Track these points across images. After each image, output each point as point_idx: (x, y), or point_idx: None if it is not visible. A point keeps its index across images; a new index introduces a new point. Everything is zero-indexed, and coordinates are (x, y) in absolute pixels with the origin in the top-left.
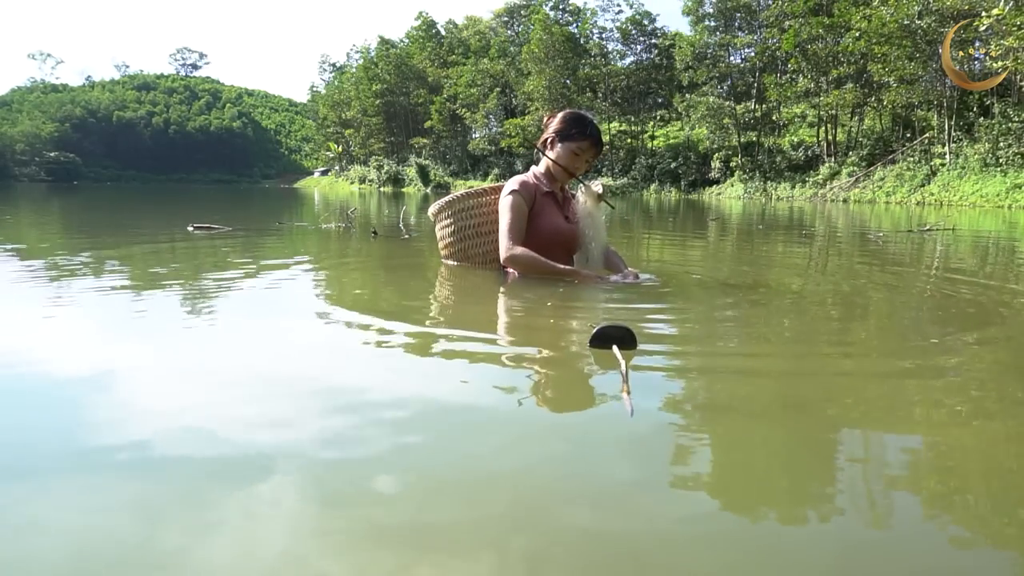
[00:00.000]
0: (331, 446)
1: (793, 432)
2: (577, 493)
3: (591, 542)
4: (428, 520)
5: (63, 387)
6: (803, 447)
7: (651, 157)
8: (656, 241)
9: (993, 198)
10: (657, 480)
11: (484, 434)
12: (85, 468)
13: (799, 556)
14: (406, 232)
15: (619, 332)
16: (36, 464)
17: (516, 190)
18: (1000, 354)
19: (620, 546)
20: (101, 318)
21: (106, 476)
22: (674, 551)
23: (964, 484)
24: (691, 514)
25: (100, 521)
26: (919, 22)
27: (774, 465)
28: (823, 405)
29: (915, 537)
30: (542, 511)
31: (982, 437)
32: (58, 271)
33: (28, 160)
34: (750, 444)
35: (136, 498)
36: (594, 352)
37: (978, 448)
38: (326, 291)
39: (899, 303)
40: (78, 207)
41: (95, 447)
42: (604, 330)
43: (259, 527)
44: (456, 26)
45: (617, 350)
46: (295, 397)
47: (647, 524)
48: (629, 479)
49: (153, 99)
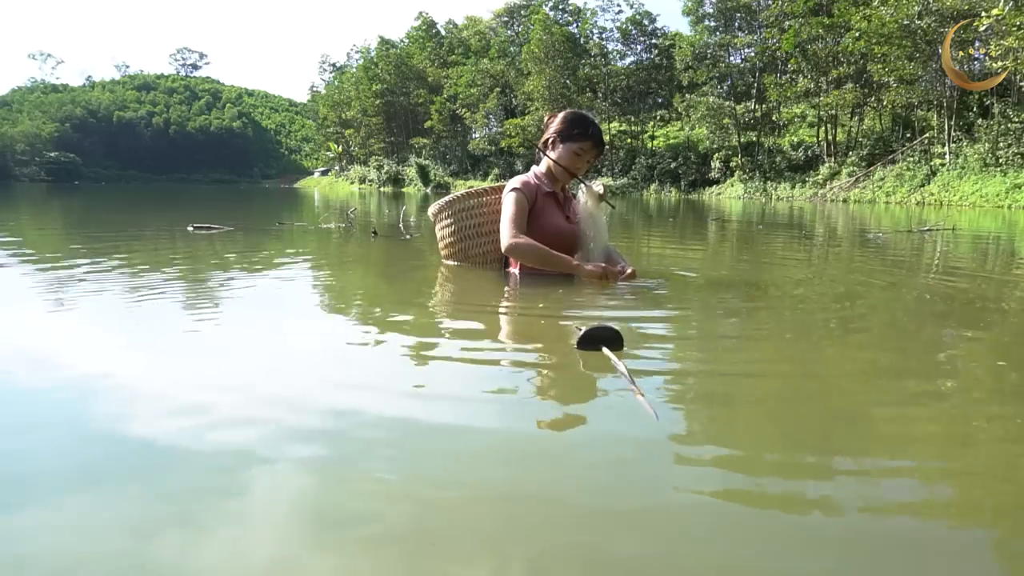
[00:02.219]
0: (331, 447)
1: (794, 431)
2: (578, 494)
3: (592, 545)
4: (428, 521)
5: (62, 389)
6: (804, 446)
7: (651, 157)
8: (656, 241)
9: (993, 198)
10: (659, 480)
11: (484, 434)
12: (85, 469)
13: (800, 557)
14: (406, 232)
15: (607, 333)
16: (35, 466)
17: (518, 188)
18: (1000, 352)
19: (622, 547)
20: (100, 318)
21: (106, 477)
22: (676, 551)
23: (964, 483)
24: (692, 515)
25: (99, 522)
26: (919, 22)
27: (775, 465)
28: (823, 405)
29: (916, 537)
30: (543, 512)
31: (983, 436)
32: (58, 271)
33: (28, 160)
34: (750, 444)
35: (136, 499)
36: (584, 354)
37: (979, 447)
38: (326, 291)
39: (899, 302)
40: (78, 207)
41: (95, 447)
42: (592, 331)
43: (255, 531)
44: (456, 26)
45: (610, 352)
46: (295, 398)
47: (650, 526)
48: (630, 479)
49: (153, 99)
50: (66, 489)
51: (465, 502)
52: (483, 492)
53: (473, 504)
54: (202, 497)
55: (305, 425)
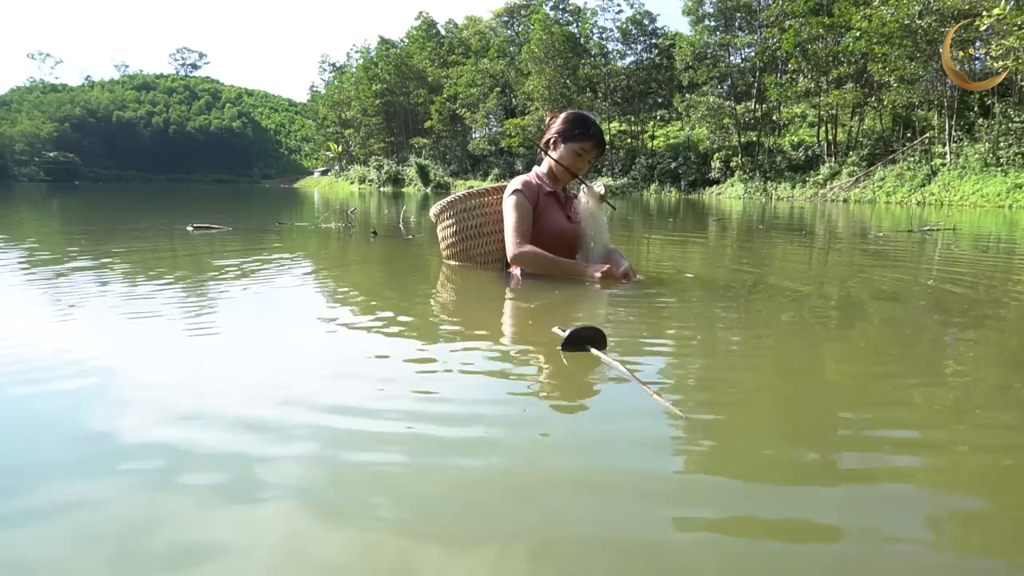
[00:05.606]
0: (331, 446)
1: (794, 432)
2: (579, 495)
3: (596, 549)
4: (428, 521)
5: (62, 389)
6: (804, 447)
7: (651, 157)
8: (656, 241)
9: (993, 198)
10: (660, 481)
11: (485, 434)
12: (84, 470)
13: (802, 558)
14: (407, 233)
15: (591, 333)
16: (34, 466)
17: (519, 190)
18: (1001, 350)
19: (624, 549)
20: (100, 319)
21: (106, 477)
22: (676, 552)
23: (964, 483)
24: (694, 516)
25: (99, 522)
26: (919, 22)
27: (775, 466)
28: (824, 404)
29: (916, 538)
30: (544, 513)
31: (982, 435)
32: (58, 272)
33: (27, 160)
34: (751, 444)
35: (135, 499)
36: (583, 356)
37: (977, 447)
38: (326, 291)
39: (899, 302)
40: (78, 207)
41: (94, 449)
42: (575, 332)
43: (255, 531)
44: (456, 26)
45: (599, 352)
46: (295, 398)
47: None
48: (632, 480)
49: (153, 99)
50: (65, 490)
51: (466, 502)
52: (484, 492)
53: (475, 504)
54: (202, 497)
55: (305, 425)
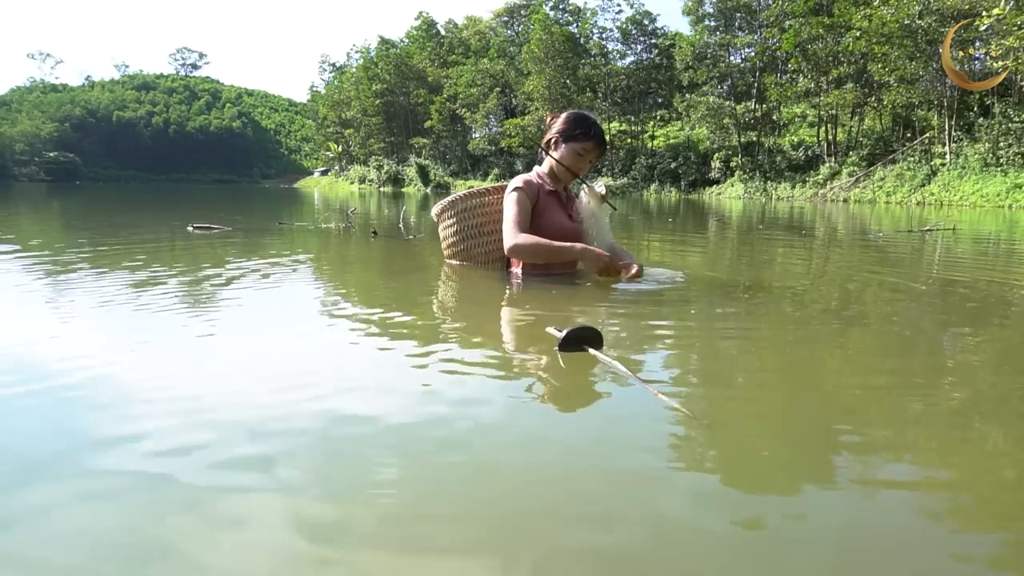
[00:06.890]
0: (331, 446)
1: (795, 432)
2: (579, 497)
3: (595, 550)
4: (428, 523)
5: (61, 391)
6: (805, 446)
7: (651, 157)
8: (656, 241)
9: (993, 198)
10: (661, 481)
11: (486, 434)
12: (85, 471)
13: (802, 558)
14: (407, 233)
15: (587, 333)
16: (34, 469)
17: (520, 187)
18: (1001, 350)
19: (624, 550)
20: (100, 319)
21: (106, 478)
22: (677, 552)
23: (964, 483)
24: (694, 516)
25: (99, 522)
26: (919, 22)
27: (775, 466)
28: (824, 403)
29: (917, 538)
30: (544, 514)
31: (983, 434)
32: (57, 271)
33: (28, 160)
34: (751, 443)
35: (135, 498)
36: (582, 356)
37: (978, 446)
38: (326, 291)
39: (899, 301)
40: (78, 208)
41: (94, 449)
42: (572, 333)
43: (255, 531)
44: (456, 26)
45: (598, 353)
46: (295, 399)
47: (655, 530)
48: (632, 481)
49: (153, 99)
50: (65, 490)
51: (466, 504)
52: (485, 492)
53: (474, 505)
54: (201, 498)
55: (305, 424)
